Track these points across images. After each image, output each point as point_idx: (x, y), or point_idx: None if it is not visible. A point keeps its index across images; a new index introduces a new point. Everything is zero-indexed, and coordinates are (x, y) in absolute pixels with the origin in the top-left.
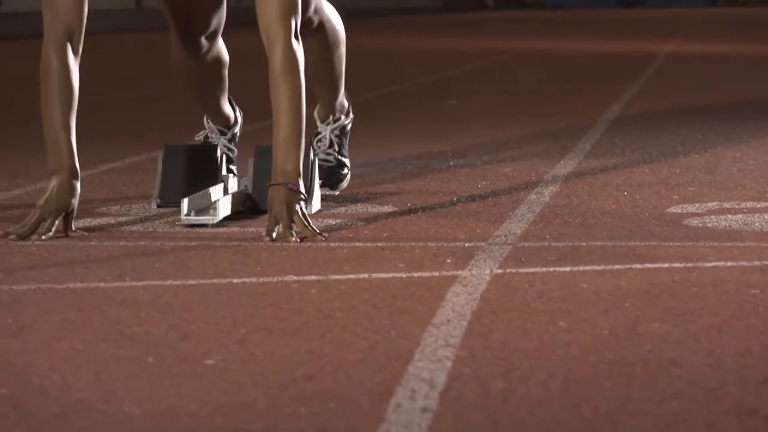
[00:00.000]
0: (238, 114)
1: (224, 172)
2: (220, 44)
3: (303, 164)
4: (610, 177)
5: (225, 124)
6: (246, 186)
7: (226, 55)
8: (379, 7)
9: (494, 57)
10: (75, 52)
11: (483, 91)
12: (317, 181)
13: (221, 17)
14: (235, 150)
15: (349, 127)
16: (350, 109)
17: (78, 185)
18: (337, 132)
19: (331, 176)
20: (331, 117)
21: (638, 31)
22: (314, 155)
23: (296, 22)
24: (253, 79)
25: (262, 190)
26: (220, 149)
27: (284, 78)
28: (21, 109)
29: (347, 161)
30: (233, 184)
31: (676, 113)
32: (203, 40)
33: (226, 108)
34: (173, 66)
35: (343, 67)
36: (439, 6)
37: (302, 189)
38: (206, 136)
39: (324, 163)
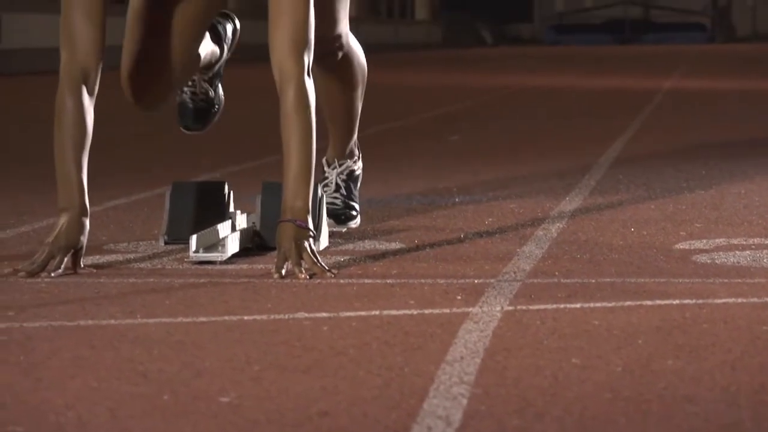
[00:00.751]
0: (227, 37)
1: (231, 208)
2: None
3: (311, 201)
4: (616, 213)
5: (205, 69)
6: (254, 222)
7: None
8: (378, 42)
9: (494, 93)
10: (91, 92)
11: (485, 127)
12: (325, 218)
13: (194, 63)
14: (213, 91)
15: (357, 172)
16: (359, 155)
17: (87, 223)
18: (343, 176)
19: (338, 217)
20: (336, 161)
21: (636, 67)
22: (322, 193)
23: (309, 59)
24: (259, 114)
25: (269, 227)
26: (202, 85)
27: (296, 115)
28: (22, 146)
29: (356, 205)
30: (241, 221)
31: (678, 150)
32: (160, 95)
33: (204, 62)
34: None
35: (360, 107)
36: (437, 42)
37: (311, 226)
38: None
39: (330, 206)
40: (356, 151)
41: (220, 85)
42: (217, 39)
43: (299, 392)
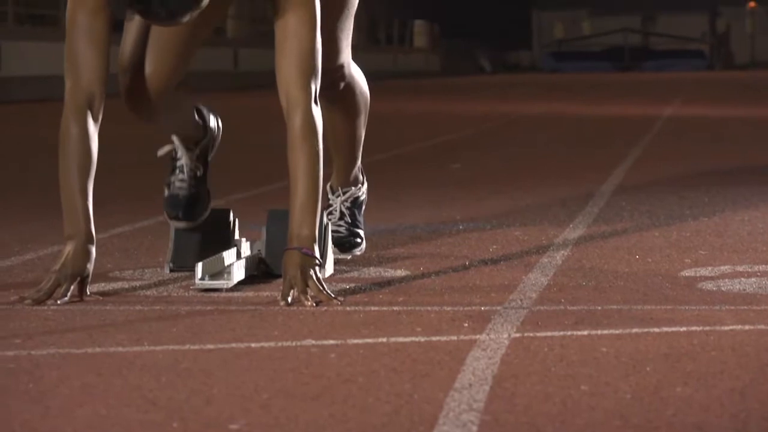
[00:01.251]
0: (211, 124)
1: (237, 236)
2: (176, 91)
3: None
4: (620, 241)
5: (193, 141)
6: (259, 250)
7: (187, 99)
8: (377, 70)
9: (494, 121)
10: (95, 119)
11: (486, 155)
12: (330, 245)
13: (187, 63)
14: (202, 168)
15: (362, 198)
16: (364, 181)
17: (93, 250)
18: (348, 204)
19: (342, 245)
20: (340, 189)
21: (637, 94)
22: (327, 221)
23: (316, 86)
24: (260, 142)
25: (274, 254)
26: (190, 165)
27: (303, 143)
28: (24, 173)
29: (361, 231)
30: (246, 249)
31: (680, 177)
32: (157, 98)
33: (193, 128)
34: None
35: (363, 135)
36: (436, 70)
37: (317, 254)
38: (174, 152)
39: (334, 234)
40: (360, 178)
41: (208, 178)
42: (200, 116)
43: (308, 420)
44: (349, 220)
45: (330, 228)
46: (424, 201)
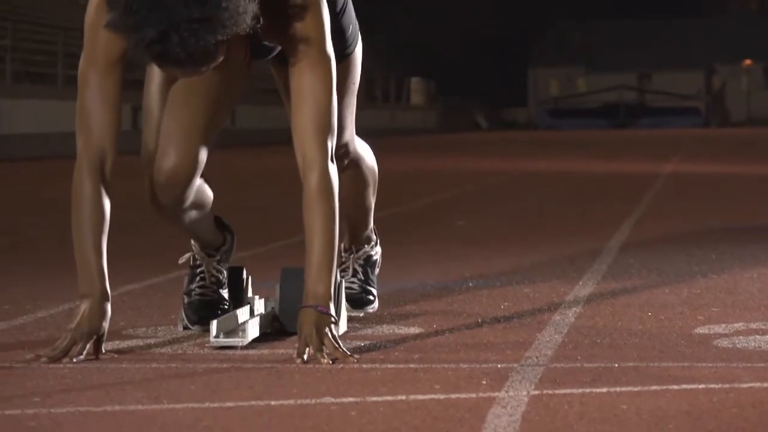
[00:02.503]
0: (229, 233)
1: (249, 293)
2: (201, 184)
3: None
4: (631, 298)
5: (213, 246)
6: (273, 307)
7: (210, 195)
8: (374, 127)
9: (495, 178)
10: (107, 176)
11: (489, 212)
12: (344, 303)
13: (209, 148)
14: (225, 272)
15: (375, 257)
16: (377, 242)
17: (109, 308)
18: (361, 262)
19: (355, 302)
20: (353, 247)
21: (634, 152)
22: (341, 279)
23: (332, 145)
24: (268, 199)
25: (288, 312)
26: (211, 272)
27: (319, 202)
28: (29, 231)
29: (373, 290)
30: (259, 306)
31: (686, 234)
32: (182, 186)
33: (214, 233)
34: (148, 205)
35: (373, 202)
36: (432, 126)
37: (333, 312)
38: (193, 258)
39: (347, 291)
40: (373, 237)
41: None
42: (222, 228)
43: None
44: (362, 278)
45: (344, 285)
46: (431, 258)
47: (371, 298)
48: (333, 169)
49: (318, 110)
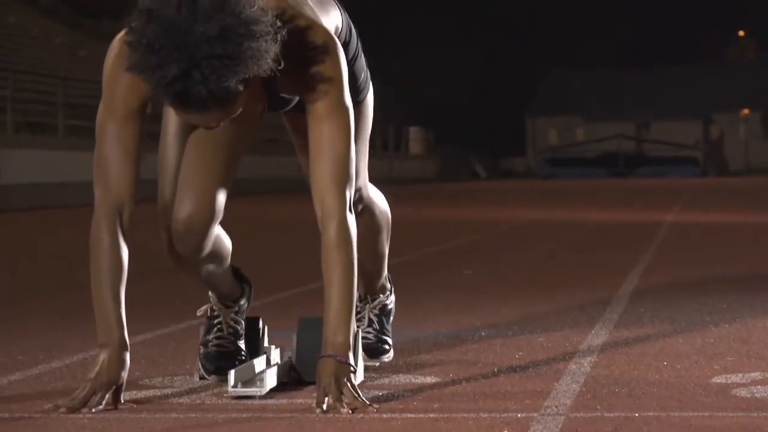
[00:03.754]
0: (247, 284)
1: (266, 343)
2: (219, 234)
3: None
4: (645, 347)
5: (231, 298)
6: (290, 357)
7: (228, 245)
8: (373, 176)
9: (498, 227)
10: (125, 226)
11: (495, 261)
12: (361, 352)
13: (224, 198)
14: (243, 323)
15: (390, 306)
16: (392, 290)
17: (128, 358)
18: (376, 311)
19: (371, 352)
20: (369, 297)
21: (635, 201)
22: (358, 328)
23: (351, 194)
24: (277, 247)
25: (305, 361)
26: (229, 323)
27: (338, 252)
28: (35, 281)
29: (389, 339)
30: (275, 356)
31: (693, 283)
32: (198, 236)
33: (232, 284)
34: (165, 255)
35: (386, 249)
36: (432, 176)
37: (352, 361)
38: (210, 310)
39: (363, 341)
40: (388, 286)
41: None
42: (240, 279)
43: None
44: (377, 327)
45: (360, 334)
46: (441, 307)
47: (387, 347)
48: (351, 219)
49: (336, 161)
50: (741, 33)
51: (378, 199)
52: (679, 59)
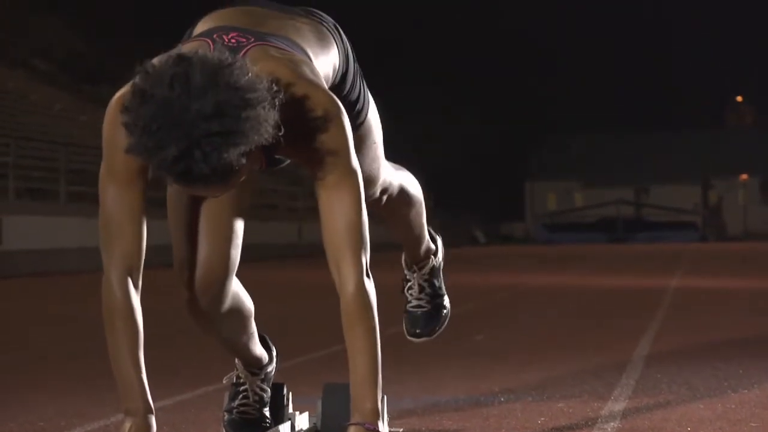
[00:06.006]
0: (273, 352)
1: (290, 409)
2: (239, 291)
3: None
4: (666, 413)
5: (257, 365)
6: (314, 423)
7: (249, 303)
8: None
9: (504, 292)
10: (136, 289)
11: (505, 327)
12: (386, 417)
13: (238, 248)
14: (269, 391)
15: (438, 264)
16: (438, 248)
17: (154, 423)
18: (426, 276)
19: (428, 324)
20: (416, 265)
21: (637, 266)
22: (405, 304)
23: (366, 259)
24: (287, 312)
25: (330, 428)
26: (255, 390)
27: (358, 320)
28: (45, 347)
29: (445, 300)
30: (300, 422)
31: (706, 348)
32: (217, 288)
33: (257, 350)
34: (187, 315)
35: (422, 219)
36: None
37: (381, 428)
38: (236, 377)
39: (418, 310)
40: (432, 247)
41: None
42: (266, 347)
43: None
44: (430, 291)
45: (386, 400)
46: (458, 373)
47: (444, 312)
48: (369, 284)
49: (349, 227)
50: (739, 98)
51: (402, 178)
52: (677, 124)
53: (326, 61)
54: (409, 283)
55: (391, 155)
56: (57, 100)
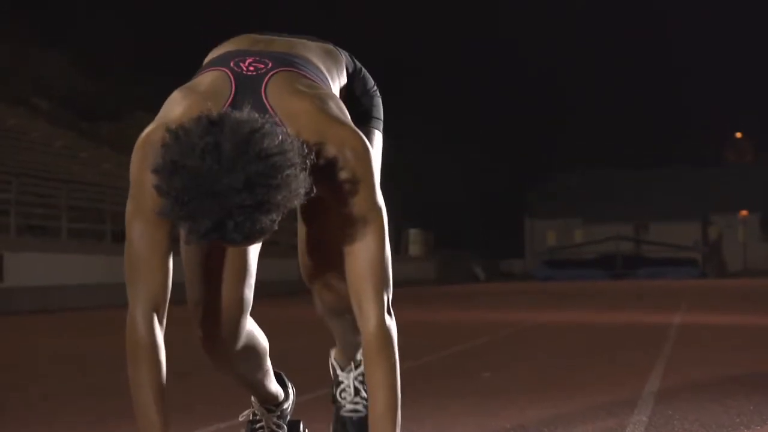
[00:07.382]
0: (289, 389)
1: None
2: (253, 329)
3: None
4: None
5: (273, 402)
6: None
7: (264, 341)
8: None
9: (507, 329)
10: (161, 325)
11: (510, 363)
12: None
13: (251, 288)
14: (285, 427)
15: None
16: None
17: None
18: (360, 378)
19: (363, 429)
20: (352, 363)
21: (639, 303)
22: (337, 409)
23: (388, 296)
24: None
25: None
26: (271, 427)
27: (379, 356)
28: (56, 385)
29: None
30: None
31: (714, 384)
32: (231, 327)
33: (273, 387)
34: (202, 353)
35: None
36: (431, 278)
37: None
38: (253, 414)
39: (354, 414)
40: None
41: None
42: (282, 384)
43: None
44: (365, 395)
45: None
46: (467, 411)
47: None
48: (391, 321)
49: (372, 264)
50: (738, 135)
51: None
52: (677, 160)
53: (340, 73)
54: (341, 386)
55: (392, 190)
56: (57, 137)
